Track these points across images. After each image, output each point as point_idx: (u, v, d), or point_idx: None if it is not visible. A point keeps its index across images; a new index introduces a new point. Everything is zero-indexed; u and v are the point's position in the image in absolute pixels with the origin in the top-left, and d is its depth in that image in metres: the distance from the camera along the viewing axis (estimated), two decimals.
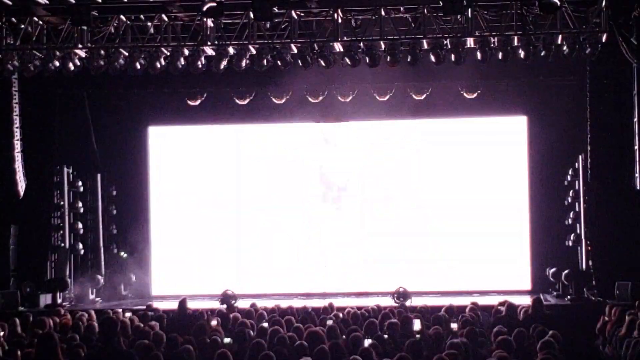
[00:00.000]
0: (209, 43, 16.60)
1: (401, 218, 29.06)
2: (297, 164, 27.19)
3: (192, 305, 15.66)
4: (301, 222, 28.93)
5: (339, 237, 29.18)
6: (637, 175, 18.02)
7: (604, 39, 16.12)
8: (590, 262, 19.33)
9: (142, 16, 16.63)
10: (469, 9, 15.60)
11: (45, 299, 19.00)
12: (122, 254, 21.96)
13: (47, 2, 15.95)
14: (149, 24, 16.60)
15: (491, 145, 23.08)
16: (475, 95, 20.28)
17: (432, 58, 16.52)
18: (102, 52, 16.85)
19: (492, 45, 16.41)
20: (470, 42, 16.48)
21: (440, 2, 14.99)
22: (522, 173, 22.07)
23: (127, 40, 16.72)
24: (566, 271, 19.10)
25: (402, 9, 16.31)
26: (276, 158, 26.41)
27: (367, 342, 10.31)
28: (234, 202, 24.63)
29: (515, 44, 16.36)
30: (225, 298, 18.30)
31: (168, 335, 11.03)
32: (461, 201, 23.11)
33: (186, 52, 16.76)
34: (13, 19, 16.61)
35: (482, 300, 16.01)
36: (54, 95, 20.11)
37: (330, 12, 16.30)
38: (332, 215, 29.35)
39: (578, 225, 19.94)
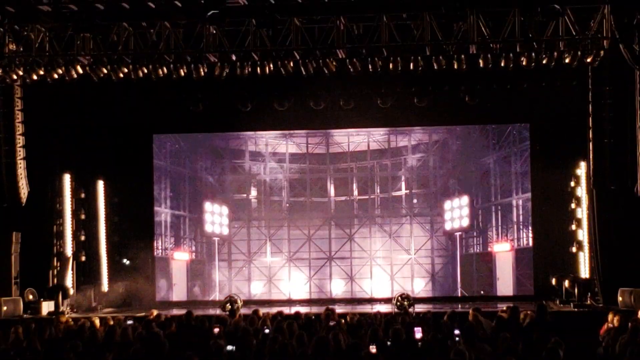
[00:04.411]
0: (211, 50, 16.62)
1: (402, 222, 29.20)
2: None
3: (195, 311, 15.64)
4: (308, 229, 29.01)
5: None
6: (639, 181, 18.00)
7: (605, 45, 16.12)
8: (592, 269, 19.31)
9: (144, 23, 16.64)
10: (471, 16, 15.63)
11: (47, 307, 19.03)
12: (124, 261, 21.99)
13: (50, 9, 15.98)
14: (152, 31, 16.61)
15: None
16: (477, 101, 20.28)
17: (434, 65, 16.54)
18: (105, 59, 16.87)
19: (494, 52, 16.42)
20: (472, 48, 16.48)
21: (443, 9, 15.02)
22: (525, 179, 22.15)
23: (130, 48, 16.73)
24: (569, 278, 19.09)
25: (404, 15, 16.31)
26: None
27: (370, 349, 10.30)
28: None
29: (517, 50, 16.37)
30: (228, 304, 18.32)
31: (171, 343, 11.01)
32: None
33: (188, 59, 16.79)
34: (16, 27, 16.62)
35: (485, 307, 16.02)
36: (57, 102, 20.12)
37: (333, 19, 16.33)
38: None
39: (580, 232, 19.93)
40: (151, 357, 9.95)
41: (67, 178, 20.79)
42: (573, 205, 20.31)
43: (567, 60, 16.26)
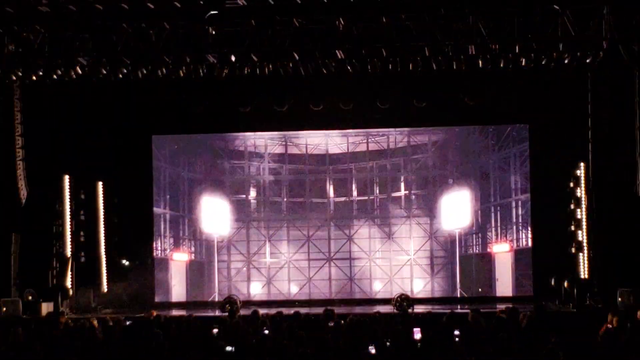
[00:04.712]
0: (211, 51, 16.62)
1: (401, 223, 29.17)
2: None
3: (194, 311, 15.64)
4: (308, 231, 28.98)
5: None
6: (638, 182, 18.02)
7: (605, 46, 16.13)
8: (592, 270, 19.29)
9: (143, 24, 16.62)
10: (470, 16, 15.64)
11: (47, 307, 19.02)
12: (124, 262, 21.95)
13: (49, 10, 15.97)
14: (152, 31, 16.59)
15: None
16: (477, 102, 20.24)
17: (434, 65, 16.56)
18: (105, 60, 16.87)
19: (493, 52, 16.43)
20: (471, 49, 16.50)
21: (442, 10, 15.04)
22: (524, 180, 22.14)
23: (130, 48, 16.71)
24: (568, 278, 19.07)
25: (404, 16, 16.30)
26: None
27: (370, 350, 10.30)
28: None
29: (517, 50, 16.38)
30: (227, 305, 18.31)
31: (171, 344, 11.02)
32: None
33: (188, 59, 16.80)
34: (16, 27, 16.60)
35: (484, 308, 16.02)
36: (56, 103, 20.11)
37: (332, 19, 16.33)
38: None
39: (580, 232, 19.91)
40: (151, 357, 9.96)
41: (66, 179, 20.74)
42: (572, 206, 20.27)
43: (566, 61, 16.26)
